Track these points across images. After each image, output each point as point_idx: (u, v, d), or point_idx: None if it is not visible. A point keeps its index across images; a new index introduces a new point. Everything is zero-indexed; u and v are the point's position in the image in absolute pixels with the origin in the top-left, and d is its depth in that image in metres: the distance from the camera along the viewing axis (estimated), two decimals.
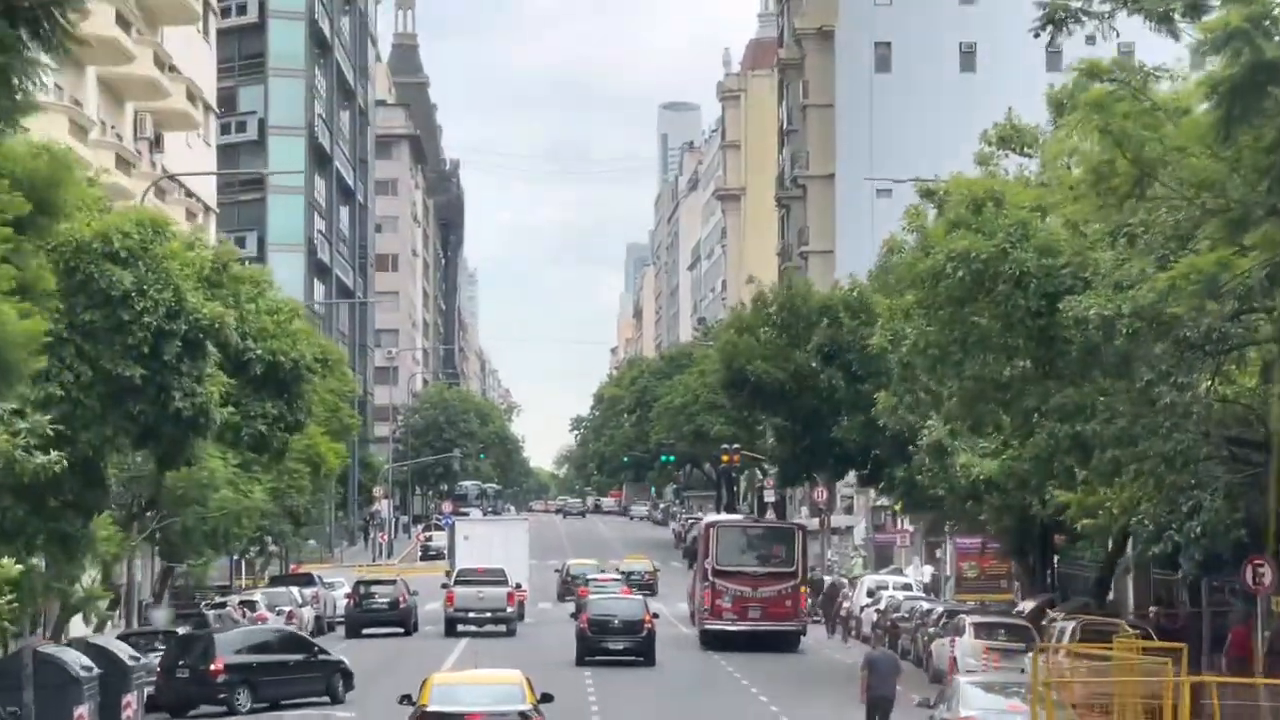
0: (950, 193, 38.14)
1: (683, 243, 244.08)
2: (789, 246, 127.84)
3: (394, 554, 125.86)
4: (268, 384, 35.48)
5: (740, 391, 59.73)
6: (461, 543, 76.27)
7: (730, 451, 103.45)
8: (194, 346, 31.04)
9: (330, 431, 70.12)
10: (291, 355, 35.23)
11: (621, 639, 55.32)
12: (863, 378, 55.08)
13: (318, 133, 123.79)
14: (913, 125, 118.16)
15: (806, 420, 59.07)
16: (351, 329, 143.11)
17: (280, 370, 35.19)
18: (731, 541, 58.85)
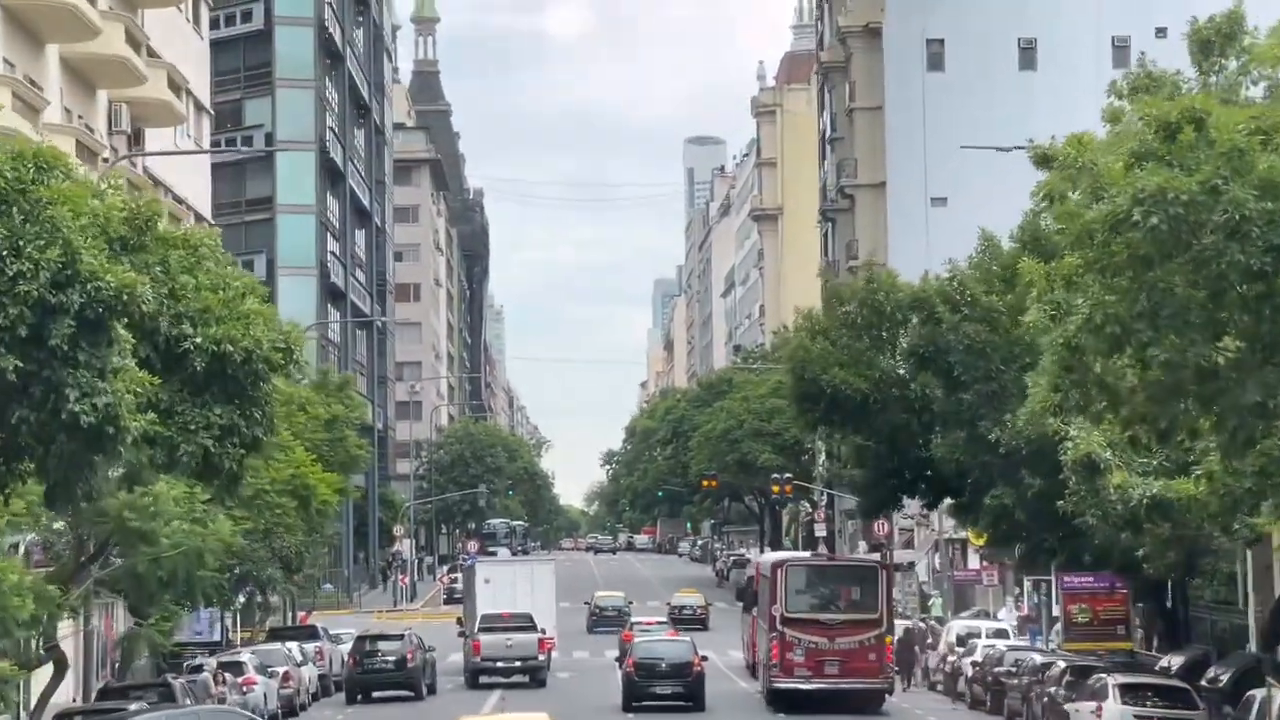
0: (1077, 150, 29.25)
1: (715, 270, 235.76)
2: (835, 262, 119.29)
3: (417, 597, 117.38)
4: (212, 384, 26.25)
5: (814, 406, 50.75)
6: (482, 586, 68.16)
7: (781, 482, 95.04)
8: (93, 327, 22.22)
9: (335, 462, 61.81)
10: (243, 344, 25.74)
11: (670, 683, 52.65)
12: (965, 384, 46.22)
13: (329, 148, 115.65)
14: (967, 127, 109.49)
15: (892, 438, 50.18)
16: (370, 359, 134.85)
17: (228, 365, 25.82)
18: (804, 584, 50.17)
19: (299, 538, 49.66)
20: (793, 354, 50.73)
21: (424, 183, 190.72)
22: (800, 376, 49.76)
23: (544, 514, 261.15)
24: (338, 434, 61.38)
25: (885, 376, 49.25)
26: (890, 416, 49.44)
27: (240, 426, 26.18)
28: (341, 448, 61.51)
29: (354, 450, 62.22)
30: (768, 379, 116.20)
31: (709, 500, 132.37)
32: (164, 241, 25.88)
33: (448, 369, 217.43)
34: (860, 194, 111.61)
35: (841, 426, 52.52)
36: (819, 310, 55.03)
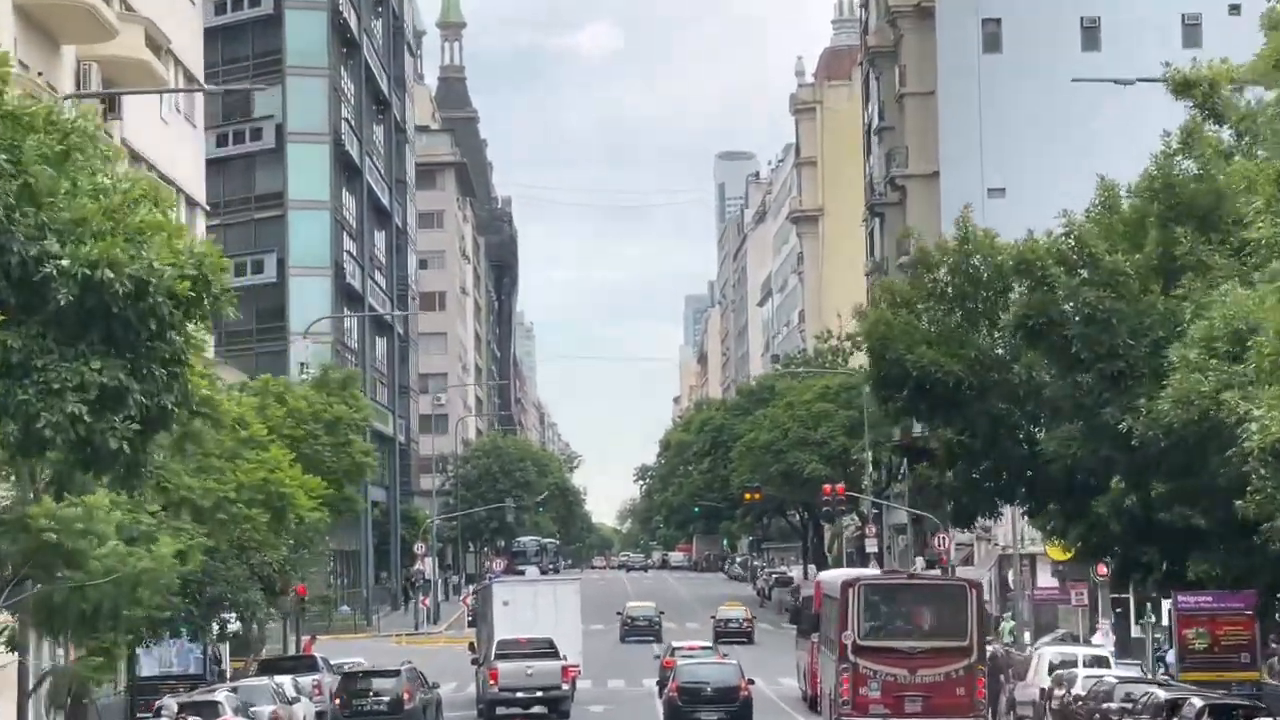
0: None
1: (751, 278, 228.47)
2: (883, 260, 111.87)
3: (440, 619, 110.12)
4: (90, 328, 18.21)
5: (896, 393, 42.94)
6: (500, 609, 61.17)
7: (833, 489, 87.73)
8: None
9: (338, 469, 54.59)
10: (131, 271, 17.84)
11: (715, 709, 49.97)
12: (1085, 362, 38.47)
13: (344, 140, 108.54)
14: (1027, 112, 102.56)
15: (990, 431, 42.34)
16: (390, 368, 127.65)
17: (111, 300, 17.79)
18: (880, 606, 42.73)
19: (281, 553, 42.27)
20: (872, 330, 42.56)
21: (449, 187, 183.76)
22: (880, 357, 41.78)
23: (576, 531, 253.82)
24: (341, 438, 54.15)
25: (983, 357, 41.49)
26: (988, 405, 41.67)
27: (131, 390, 18.62)
28: (345, 454, 54.29)
29: (359, 457, 54.97)
30: (813, 384, 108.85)
31: (750, 515, 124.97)
32: (14, 120, 18.35)
33: (475, 382, 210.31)
34: (912, 185, 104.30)
35: (929, 417, 44.54)
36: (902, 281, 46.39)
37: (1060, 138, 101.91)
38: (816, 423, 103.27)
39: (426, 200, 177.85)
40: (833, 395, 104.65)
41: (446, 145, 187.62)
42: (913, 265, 44.26)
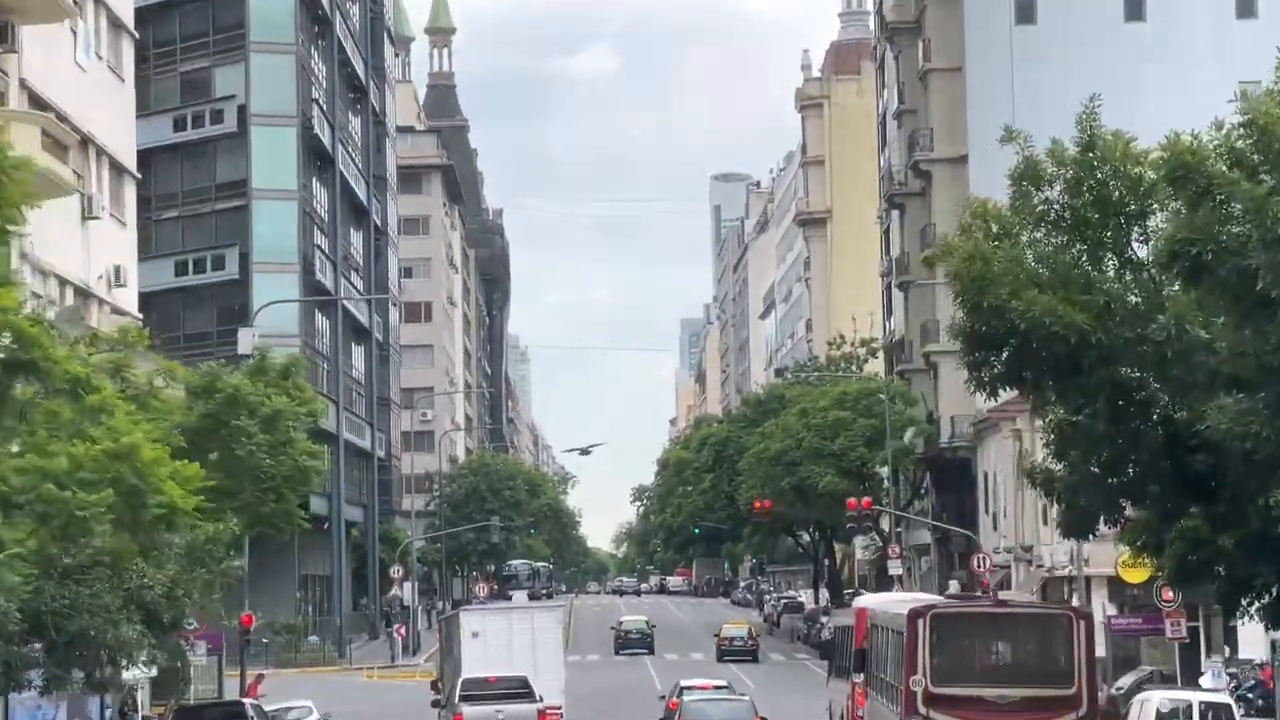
0: None
1: (752, 290, 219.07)
2: (905, 256, 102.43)
3: (420, 650, 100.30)
4: None
5: (994, 354, 32.31)
6: (468, 641, 51.87)
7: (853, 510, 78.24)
8: None
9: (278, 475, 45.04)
10: None
11: None
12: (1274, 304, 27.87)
13: (314, 124, 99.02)
14: (1063, 89, 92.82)
15: (1119, 406, 31.96)
16: (368, 378, 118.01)
17: None
18: (962, 642, 33.15)
19: (167, 573, 32.32)
20: (964, 268, 31.70)
21: (435, 191, 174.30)
22: (976, 305, 31.46)
23: (570, 555, 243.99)
24: (280, 436, 44.58)
25: (1114, 304, 31.17)
26: (1116, 371, 31.46)
27: None
28: (286, 456, 44.72)
29: (302, 459, 45.31)
30: (829, 390, 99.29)
31: (759, 535, 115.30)
32: None
33: (465, 399, 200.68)
34: (937, 170, 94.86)
35: (1036, 387, 33.92)
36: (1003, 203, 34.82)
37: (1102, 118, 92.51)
38: (834, 432, 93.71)
39: (411, 205, 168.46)
40: (851, 402, 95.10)
41: (433, 147, 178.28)
42: (1016, 181, 33.92)
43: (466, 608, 57.36)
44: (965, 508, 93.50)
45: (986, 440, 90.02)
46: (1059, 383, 31.38)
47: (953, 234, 31.30)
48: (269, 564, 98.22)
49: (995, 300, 30.08)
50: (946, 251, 31.45)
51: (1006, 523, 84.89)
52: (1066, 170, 32.63)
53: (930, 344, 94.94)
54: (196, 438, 45.34)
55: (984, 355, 31.96)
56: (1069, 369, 30.44)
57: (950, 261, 31.13)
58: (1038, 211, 32.25)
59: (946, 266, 31.44)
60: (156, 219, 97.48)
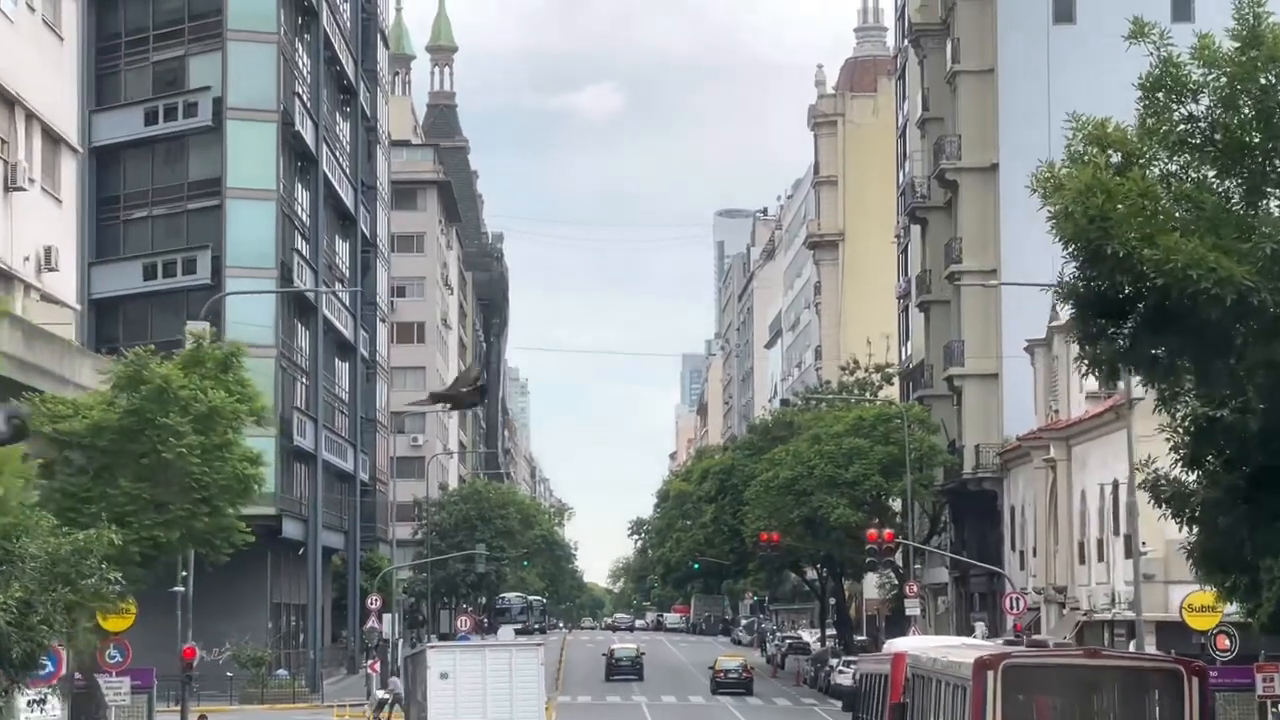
0: None
1: (758, 319, 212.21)
2: (927, 274, 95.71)
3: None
4: None
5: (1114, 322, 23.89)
6: (436, 685, 45.08)
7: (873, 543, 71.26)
8: None
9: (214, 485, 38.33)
10: None
11: None
12: None
13: (296, 120, 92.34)
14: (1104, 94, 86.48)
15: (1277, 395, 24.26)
16: (352, 396, 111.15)
17: None
18: (1042, 700, 26.15)
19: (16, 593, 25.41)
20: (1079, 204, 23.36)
21: (431, 207, 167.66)
22: (1096, 253, 23.08)
23: (565, 589, 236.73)
24: (216, 437, 37.76)
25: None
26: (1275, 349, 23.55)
27: None
28: (222, 462, 37.85)
29: (241, 466, 38.34)
30: (844, 415, 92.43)
31: (765, 570, 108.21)
32: None
33: (459, 426, 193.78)
34: (965, 180, 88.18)
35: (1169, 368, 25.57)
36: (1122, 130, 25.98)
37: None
38: (848, 460, 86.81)
39: (406, 221, 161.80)
40: (868, 428, 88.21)
41: (429, 162, 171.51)
42: (1149, 91, 26.24)
43: (434, 645, 50.27)
44: (988, 544, 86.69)
45: (1014, 471, 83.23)
46: (1202, 362, 23.74)
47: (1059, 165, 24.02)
48: (240, 591, 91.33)
49: (1122, 246, 22.64)
50: (1054, 186, 24.21)
51: (1036, 561, 78.02)
52: (1218, 75, 25.02)
53: (954, 367, 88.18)
54: (120, 439, 38.63)
55: (1099, 323, 24.20)
56: (1217, 344, 22.93)
57: (1060, 198, 23.89)
58: (1177, 132, 24.67)
59: (1054, 205, 24.24)
60: (126, 219, 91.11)
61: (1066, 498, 72.42)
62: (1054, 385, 76.10)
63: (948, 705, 28.55)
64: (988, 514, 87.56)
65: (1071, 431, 71.92)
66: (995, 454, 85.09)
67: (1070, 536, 72.38)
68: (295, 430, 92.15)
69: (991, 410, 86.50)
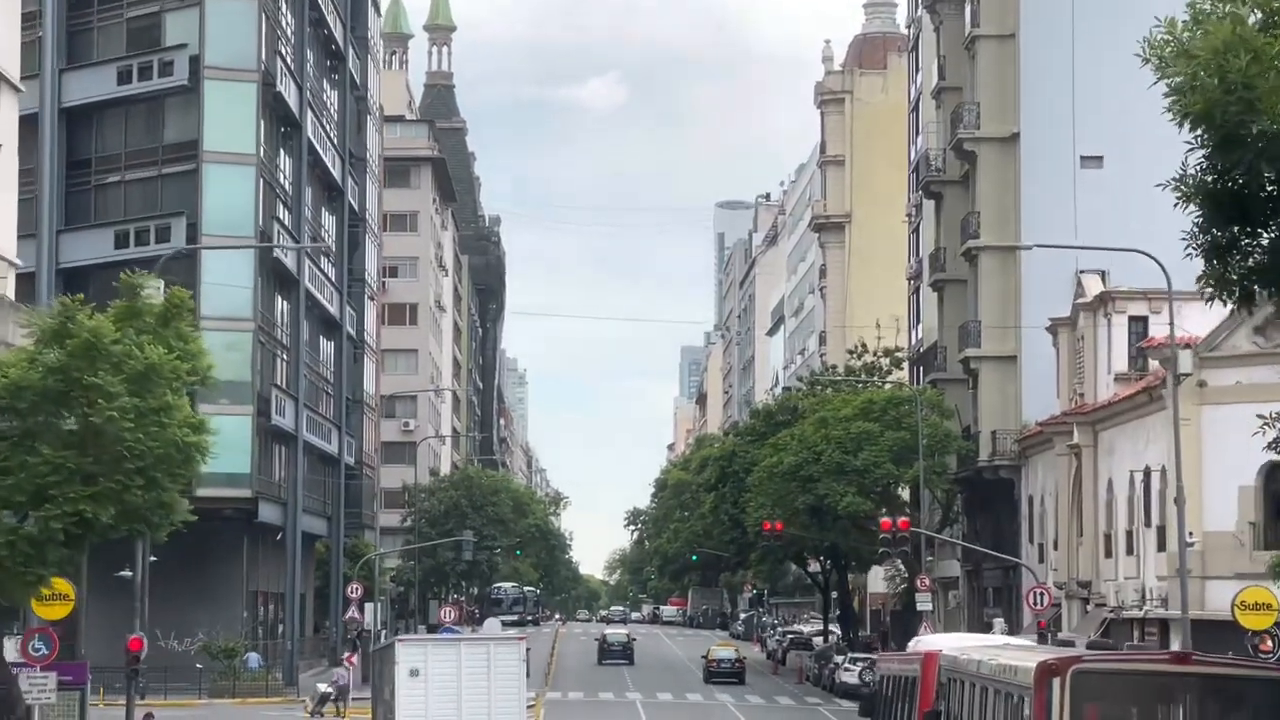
0: None
1: (759, 306, 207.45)
2: (940, 254, 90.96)
3: None
4: None
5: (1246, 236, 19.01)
6: (405, 682, 40.33)
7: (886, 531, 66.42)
8: None
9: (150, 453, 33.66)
10: None
11: None
12: None
13: (277, 81, 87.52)
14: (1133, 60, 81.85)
15: None
16: (337, 375, 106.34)
17: None
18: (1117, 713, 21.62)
19: None
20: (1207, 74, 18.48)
21: (425, 185, 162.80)
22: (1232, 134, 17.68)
23: (559, 580, 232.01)
24: (154, 400, 33.02)
25: None
26: None
27: None
28: (160, 427, 33.06)
29: (180, 434, 33.49)
30: (853, 399, 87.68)
31: (768, 561, 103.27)
32: None
33: (453, 412, 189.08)
34: (984, 151, 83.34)
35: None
36: None
37: None
38: (857, 446, 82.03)
39: (399, 199, 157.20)
40: (878, 413, 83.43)
41: (424, 138, 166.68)
42: None
43: (403, 638, 45.32)
44: (1003, 536, 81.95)
45: (1033, 459, 78.52)
46: None
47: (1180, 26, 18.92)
48: (214, 578, 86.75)
49: (1273, 120, 17.47)
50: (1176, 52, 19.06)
51: (1057, 554, 73.31)
52: None
53: (970, 348, 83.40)
54: (42, 401, 33.88)
55: (1238, 232, 19.04)
56: None
57: (1180, 66, 18.78)
58: None
59: (1173, 76, 19.15)
60: (98, 184, 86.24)
61: (1092, 486, 67.72)
62: (1079, 367, 71.38)
63: (997, 716, 23.83)
64: (1004, 504, 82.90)
65: (1099, 415, 67.22)
66: (1013, 440, 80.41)
67: (1096, 528, 67.71)
68: (274, 408, 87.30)
69: (1009, 394, 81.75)
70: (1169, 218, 22.74)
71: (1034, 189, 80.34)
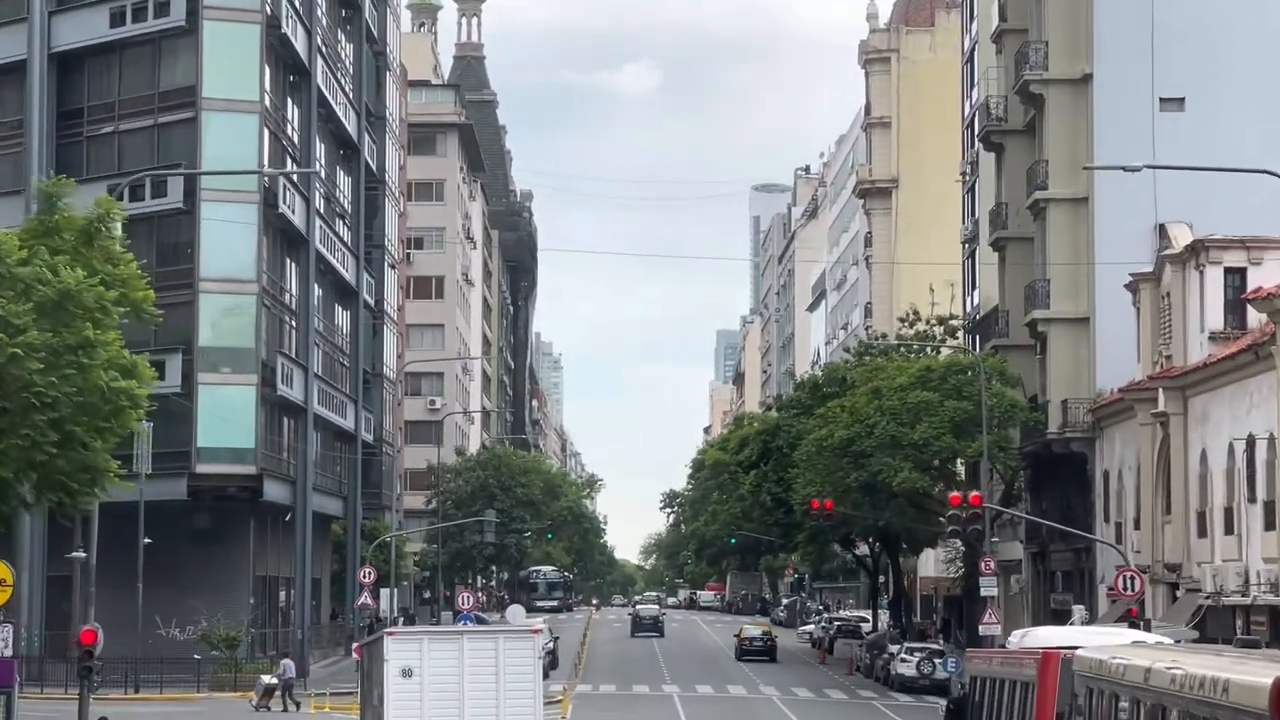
0: None
1: (799, 281, 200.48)
2: (1002, 210, 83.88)
3: None
4: None
5: None
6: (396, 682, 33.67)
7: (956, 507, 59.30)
8: None
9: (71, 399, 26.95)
10: None
11: None
12: None
13: (283, 22, 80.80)
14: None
15: None
16: (354, 346, 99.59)
17: None
18: None
19: None
20: None
21: (451, 153, 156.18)
22: None
23: (593, 565, 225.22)
24: (72, 336, 26.18)
25: None
26: None
27: None
28: (80, 370, 26.19)
29: (106, 377, 26.55)
30: (908, 367, 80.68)
31: (815, 543, 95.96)
32: None
33: (482, 391, 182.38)
34: (1052, 93, 76.15)
35: None
36: None
37: (1267, 29, 74.14)
38: (914, 418, 75.03)
39: (424, 167, 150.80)
40: (936, 381, 76.42)
41: (450, 104, 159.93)
42: None
43: (393, 630, 38.32)
44: (1074, 515, 74.83)
45: (1109, 430, 71.46)
46: None
47: None
48: (217, 561, 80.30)
49: None
50: None
51: (1139, 534, 66.21)
52: None
53: (1038, 310, 76.27)
54: None
55: None
56: None
57: None
58: None
59: None
60: (90, 134, 79.72)
61: (1182, 459, 60.61)
62: (1164, 326, 64.32)
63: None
64: (1074, 480, 75.82)
65: (1189, 380, 60.09)
66: (1086, 410, 73.29)
67: (1186, 505, 60.60)
68: (280, 378, 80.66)
69: (1082, 359, 74.62)
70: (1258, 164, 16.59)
71: (1108, 134, 73.13)
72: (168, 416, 75.61)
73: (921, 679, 72.87)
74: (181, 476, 76.24)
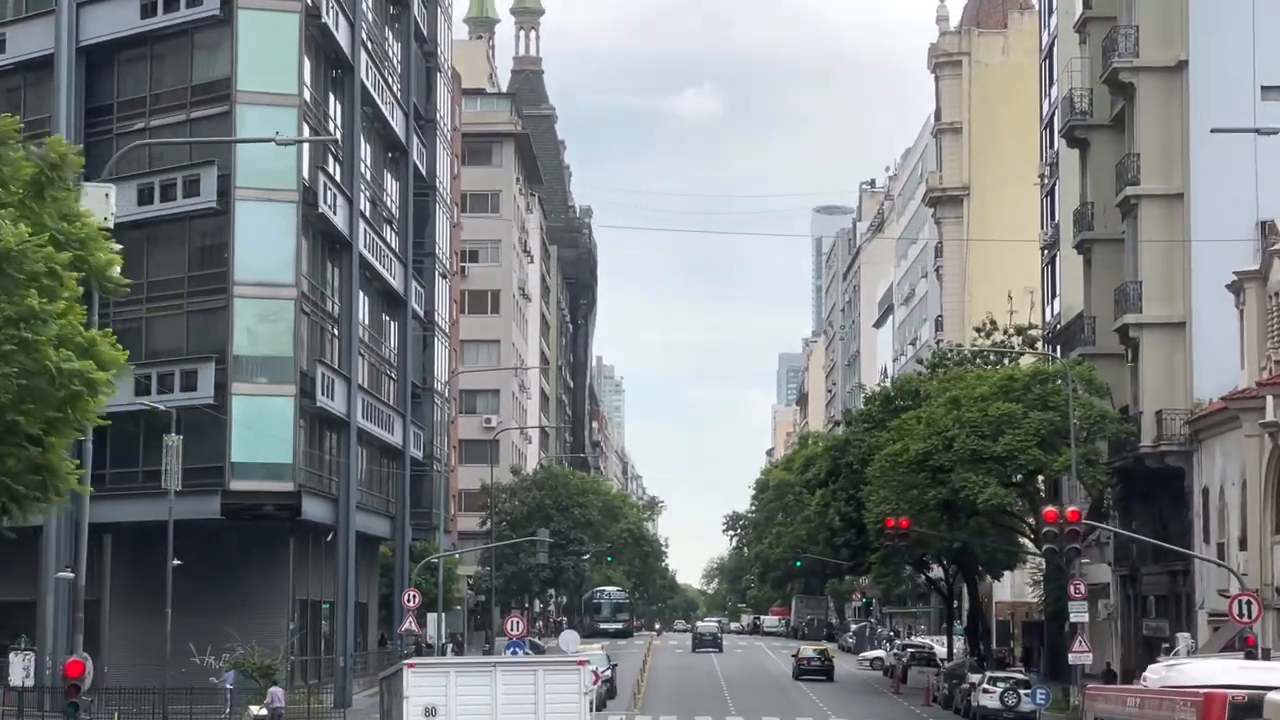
0: None
1: (864, 298, 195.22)
2: (1087, 210, 78.76)
3: None
4: None
5: None
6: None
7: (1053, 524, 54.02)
8: None
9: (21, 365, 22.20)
10: None
11: None
12: None
13: (324, 12, 76.29)
14: None
15: None
16: (401, 359, 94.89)
17: None
18: None
19: None
20: None
21: (508, 163, 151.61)
22: None
23: (655, 589, 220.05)
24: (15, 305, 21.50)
25: None
26: None
27: None
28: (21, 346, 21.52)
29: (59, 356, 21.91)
30: (989, 375, 75.57)
31: (890, 564, 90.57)
32: None
33: (540, 410, 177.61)
34: (1144, 82, 71.10)
35: None
36: None
37: None
38: (996, 430, 69.91)
39: (480, 178, 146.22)
40: (1020, 391, 71.32)
41: (506, 113, 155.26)
42: None
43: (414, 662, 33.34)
44: (1169, 534, 69.61)
45: (1209, 442, 66.19)
46: None
47: None
48: (254, 584, 75.64)
49: None
50: None
51: (1246, 555, 60.95)
52: None
53: (1129, 314, 71.09)
54: None
55: None
56: None
57: None
58: None
59: None
60: (120, 131, 75.17)
61: None
62: (1273, 329, 59.15)
63: None
64: (1169, 497, 70.62)
65: None
66: (1183, 421, 68.06)
67: None
68: (320, 388, 76.02)
69: (1177, 367, 69.44)
70: None
71: (1206, 125, 67.95)
72: (200, 429, 71.28)
73: (1005, 711, 67.69)
74: (214, 494, 71.63)
